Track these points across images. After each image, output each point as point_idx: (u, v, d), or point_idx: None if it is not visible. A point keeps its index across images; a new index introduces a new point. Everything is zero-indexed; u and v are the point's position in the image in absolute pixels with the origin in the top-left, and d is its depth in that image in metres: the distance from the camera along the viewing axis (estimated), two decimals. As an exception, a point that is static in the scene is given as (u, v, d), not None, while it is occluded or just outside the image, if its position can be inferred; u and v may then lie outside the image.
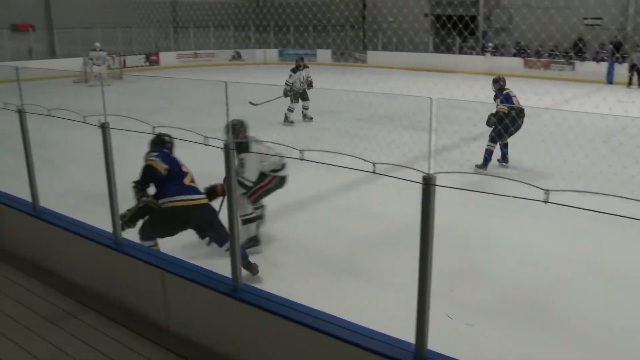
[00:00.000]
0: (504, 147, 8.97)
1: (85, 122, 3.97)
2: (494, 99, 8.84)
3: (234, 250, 3.25)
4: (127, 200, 4.58)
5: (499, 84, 8.92)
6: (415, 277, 2.59)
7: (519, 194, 2.56)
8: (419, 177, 2.53)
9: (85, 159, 8.93)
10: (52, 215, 4.72)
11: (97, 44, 21.62)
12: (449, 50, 25.41)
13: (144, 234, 4.72)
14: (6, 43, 24.48)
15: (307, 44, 30.12)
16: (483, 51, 25.16)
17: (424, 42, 26.76)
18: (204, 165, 8.12)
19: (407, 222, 6.04)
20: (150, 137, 4.88)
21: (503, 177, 2.65)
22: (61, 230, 4.43)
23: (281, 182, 5.62)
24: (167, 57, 28.83)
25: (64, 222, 4.56)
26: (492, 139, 8.70)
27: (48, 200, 4.99)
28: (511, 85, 9.00)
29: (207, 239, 4.95)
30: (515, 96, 8.81)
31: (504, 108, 8.56)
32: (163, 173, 4.72)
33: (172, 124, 3.68)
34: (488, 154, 8.73)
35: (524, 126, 8.68)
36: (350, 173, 3.14)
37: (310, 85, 12.64)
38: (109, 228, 4.04)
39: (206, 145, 3.21)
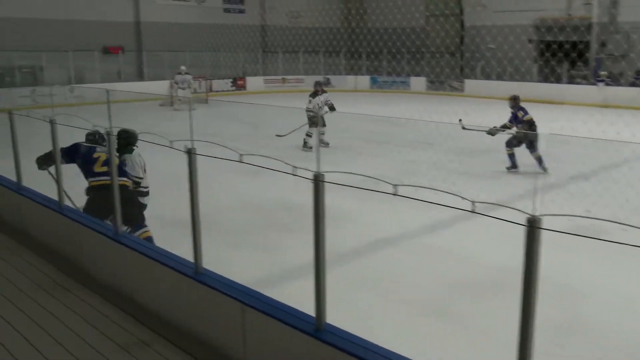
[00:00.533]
0: (538, 159, 10.33)
1: (171, 147, 4.16)
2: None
3: (319, 289, 3.27)
4: (210, 228, 4.73)
5: (513, 101, 11.06)
6: (515, 328, 2.50)
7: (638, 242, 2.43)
8: (522, 219, 2.47)
9: (169, 183, 9.35)
10: (132, 240, 4.95)
11: (183, 68, 22.72)
12: (557, 79, 24.66)
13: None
14: (97, 65, 26.23)
15: (401, 71, 30.26)
16: (596, 80, 24.20)
17: (529, 70, 26.15)
18: (292, 195, 8.32)
19: (506, 267, 5.87)
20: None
21: (619, 222, 2.53)
22: (141, 255, 4.63)
23: None
24: (254, 82, 29.83)
25: (144, 247, 4.76)
26: (508, 145, 10.82)
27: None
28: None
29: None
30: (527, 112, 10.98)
31: (530, 117, 10.82)
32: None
33: (259, 152, 3.79)
34: (510, 157, 10.80)
35: None
36: (445, 210, 3.10)
37: (332, 108, 13.28)
38: (190, 256, 4.18)
39: (294, 175, 3.27)
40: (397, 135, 13.70)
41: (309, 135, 13.26)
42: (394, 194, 2.97)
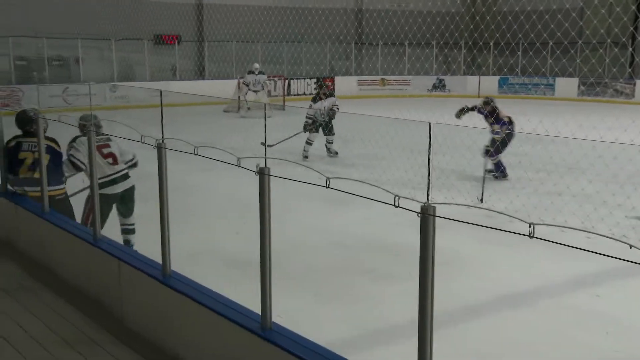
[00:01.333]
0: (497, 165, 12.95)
1: (239, 166, 4.29)
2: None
3: (423, 357, 3.27)
4: (284, 271, 4.82)
5: (490, 106, 12.99)
6: None
7: None
8: None
9: (234, 210, 9.60)
10: (185, 284, 5.08)
11: (257, 65, 23.22)
12: None
13: None
14: (147, 58, 27.20)
15: (544, 70, 29.71)
16: None
17: None
18: (392, 231, 8.34)
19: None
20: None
21: None
22: (194, 303, 4.75)
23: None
24: (345, 84, 30.16)
25: (199, 293, 4.88)
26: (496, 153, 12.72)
27: (181, 261, 5.40)
28: None
29: None
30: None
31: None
32: None
33: (350, 174, 3.85)
34: (498, 165, 12.95)
35: None
36: (603, 261, 3.04)
37: (331, 116, 14.97)
38: (256, 307, 4.27)
39: (397, 206, 3.29)
40: (536, 157, 13.45)
41: (309, 143, 14.74)
42: (531, 236, 2.94)
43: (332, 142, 15.25)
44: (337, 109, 15.13)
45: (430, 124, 3.30)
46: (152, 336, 5.24)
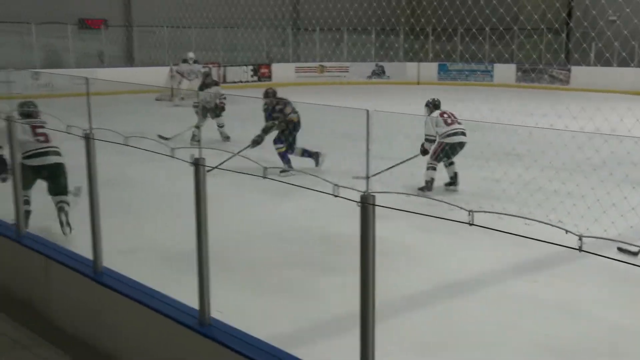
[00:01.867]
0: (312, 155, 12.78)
1: (172, 157, 4.26)
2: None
3: (365, 350, 3.30)
4: (222, 265, 4.79)
5: (271, 96, 13.24)
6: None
7: None
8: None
9: (168, 204, 9.52)
10: (117, 281, 5.03)
11: (191, 55, 23.10)
12: None
13: None
14: (71, 43, 26.57)
15: (482, 56, 30.03)
16: None
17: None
18: (332, 222, 8.39)
19: (626, 327, 5.79)
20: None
21: None
22: (129, 301, 4.71)
23: None
24: (282, 70, 30.04)
25: (134, 290, 4.83)
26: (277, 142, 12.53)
27: (114, 258, 5.34)
28: None
29: None
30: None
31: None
32: None
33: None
34: (283, 156, 12.38)
35: None
36: (541, 247, 3.10)
37: (218, 106, 15.80)
38: (194, 302, 4.25)
39: (336, 196, 3.31)
40: (475, 144, 13.64)
41: (198, 127, 15.39)
42: (470, 224, 2.99)
43: (222, 126, 15.89)
44: (224, 98, 16.06)
45: (368, 112, 3.32)
46: (84, 336, 5.17)
